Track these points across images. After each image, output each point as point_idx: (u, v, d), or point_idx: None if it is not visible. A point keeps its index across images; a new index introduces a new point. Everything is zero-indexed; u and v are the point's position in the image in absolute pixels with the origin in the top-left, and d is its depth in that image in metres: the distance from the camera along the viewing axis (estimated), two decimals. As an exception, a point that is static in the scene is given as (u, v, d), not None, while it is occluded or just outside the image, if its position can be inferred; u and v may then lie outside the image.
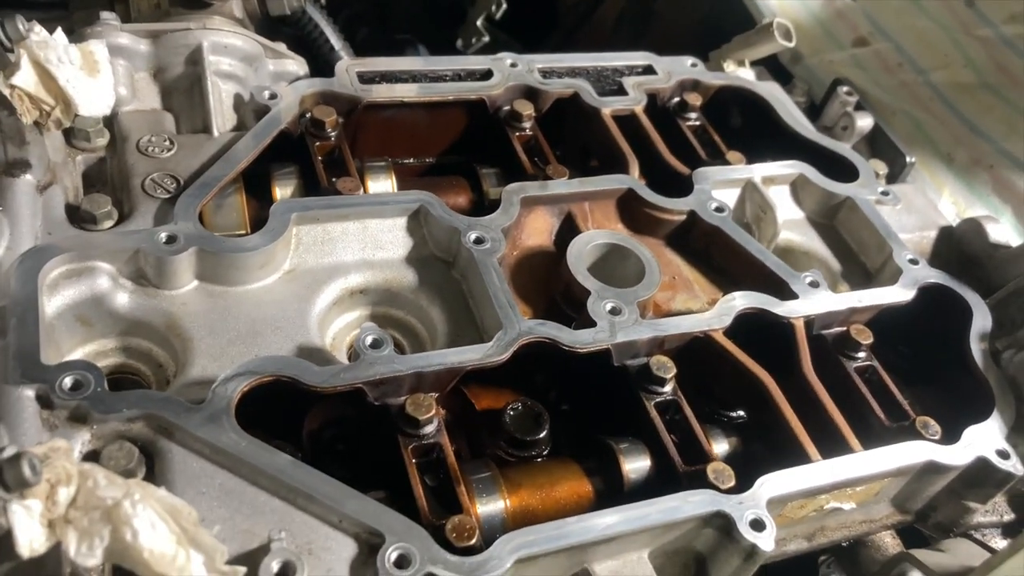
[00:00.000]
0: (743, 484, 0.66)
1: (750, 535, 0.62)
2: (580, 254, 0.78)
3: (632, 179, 0.87)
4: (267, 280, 0.73)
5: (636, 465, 0.70)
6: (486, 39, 1.61)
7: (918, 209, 0.95)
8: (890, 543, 0.78)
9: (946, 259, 0.92)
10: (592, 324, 0.72)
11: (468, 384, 0.73)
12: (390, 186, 0.86)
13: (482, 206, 0.89)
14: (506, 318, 0.71)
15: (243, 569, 0.49)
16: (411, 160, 0.95)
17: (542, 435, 0.72)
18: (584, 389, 0.77)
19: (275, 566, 0.53)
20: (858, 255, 0.91)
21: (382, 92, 0.88)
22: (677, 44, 1.09)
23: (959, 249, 0.91)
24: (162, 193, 0.75)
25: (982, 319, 0.83)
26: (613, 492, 0.70)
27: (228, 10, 0.95)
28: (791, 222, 0.92)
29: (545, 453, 0.73)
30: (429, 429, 0.65)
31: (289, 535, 0.56)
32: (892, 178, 1.01)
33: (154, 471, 0.58)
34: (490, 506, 0.65)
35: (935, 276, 0.85)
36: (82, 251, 0.67)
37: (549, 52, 0.99)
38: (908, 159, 1.00)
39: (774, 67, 1.17)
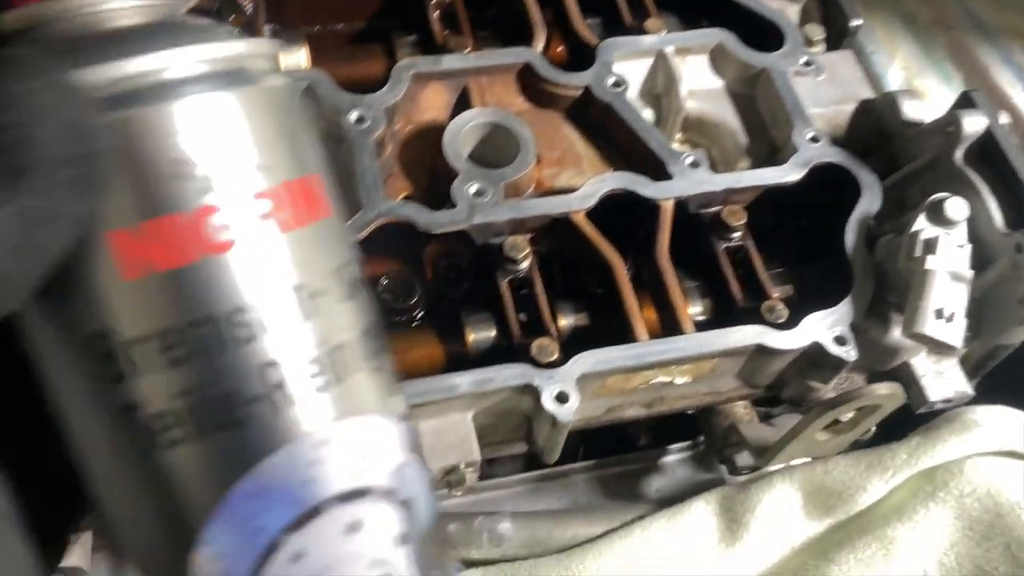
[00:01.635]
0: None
1: (552, 406, 0.70)
2: (458, 133, 0.82)
3: (531, 52, 0.88)
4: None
5: (480, 336, 0.77)
6: None
7: (842, 81, 0.92)
8: (741, 412, 0.83)
9: (865, 135, 0.90)
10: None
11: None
12: (303, 58, 0.91)
13: (398, 76, 0.92)
14: (367, 199, 0.77)
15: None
16: (340, 25, 0.99)
17: (413, 301, 0.80)
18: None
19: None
20: (769, 129, 0.90)
21: (300, -41, 0.91)
22: None
23: (877, 125, 0.89)
24: None
25: (869, 202, 0.82)
26: (460, 359, 0.78)
27: None
28: (708, 92, 0.92)
29: (417, 318, 0.81)
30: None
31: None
32: (834, 42, 0.97)
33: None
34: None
35: (832, 156, 0.84)
36: None
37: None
38: (852, 23, 0.96)
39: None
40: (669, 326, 0.77)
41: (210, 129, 0.28)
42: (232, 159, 0.29)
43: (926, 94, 0.97)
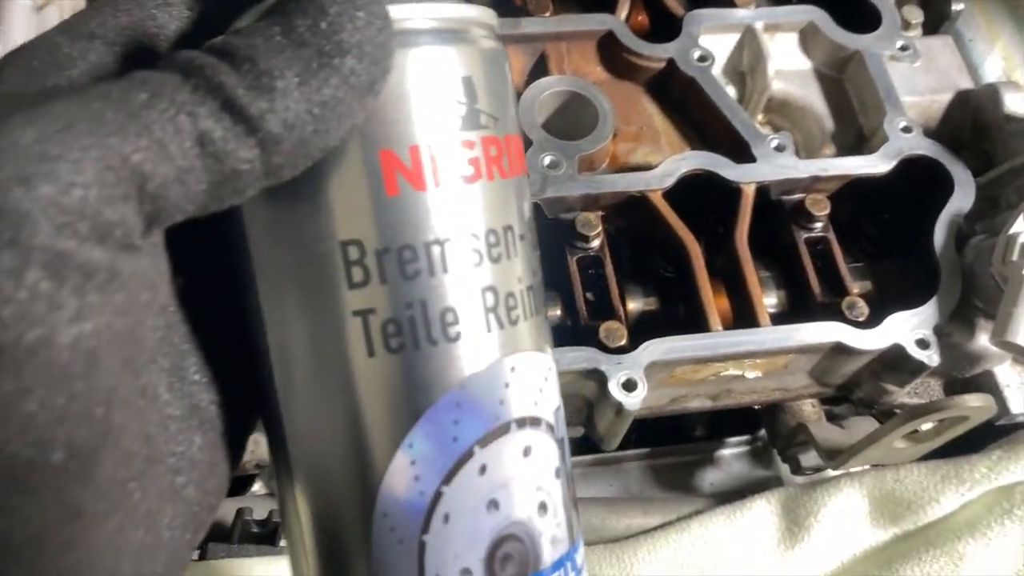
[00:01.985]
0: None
1: (619, 394, 0.67)
2: (534, 101, 0.78)
3: (614, 19, 0.84)
4: None
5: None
6: None
7: (939, 68, 0.87)
8: (809, 411, 0.80)
9: (959, 127, 0.85)
10: (527, 176, 0.75)
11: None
12: None
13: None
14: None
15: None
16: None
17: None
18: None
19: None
20: (858, 115, 0.86)
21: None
22: None
23: (973, 117, 0.84)
24: None
25: (961, 199, 0.78)
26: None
27: None
28: (795, 73, 0.88)
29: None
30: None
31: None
32: (933, 27, 0.92)
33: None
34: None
35: (925, 148, 0.80)
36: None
37: None
38: (954, 7, 0.90)
39: None
40: (743, 316, 0.74)
41: (461, 75, 0.32)
42: (476, 104, 0.32)
43: (1025, 87, 0.91)
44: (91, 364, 0.23)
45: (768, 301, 0.78)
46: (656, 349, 0.68)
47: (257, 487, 0.85)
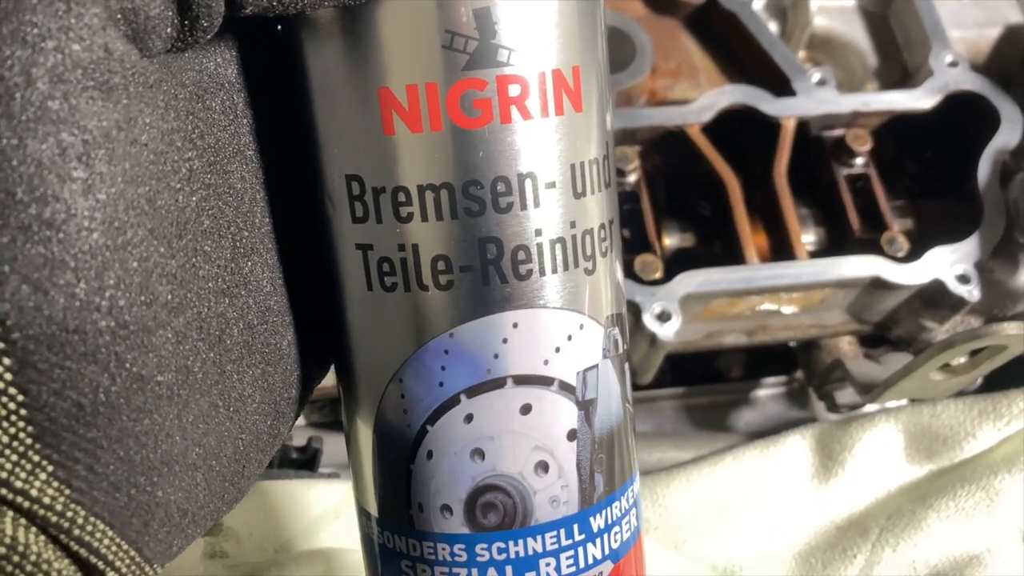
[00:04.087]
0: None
1: (653, 325, 0.67)
2: (571, 36, 0.78)
3: (656, -46, 0.84)
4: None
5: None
6: None
7: (988, 3, 0.85)
8: (846, 348, 0.79)
9: (1007, 63, 0.83)
10: (563, 109, 0.74)
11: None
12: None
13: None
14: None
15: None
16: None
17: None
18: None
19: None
20: (902, 52, 0.84)
21: None
22: None
23: (1023, 52, 0.82)
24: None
25: (1007, 134, 0.76)
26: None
27: None
28: (837, 9, 0.86)
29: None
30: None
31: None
32: (982, -40, 0.90)
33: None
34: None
35: (971, 83, 0.78)
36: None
37: None
38: (1005, -62, 0.88)
39: None
40: (781, 252, 0.74)
41: (473, 7, 0.29)
42: (493, 39, 0.29)
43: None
44: (114, 233, 0.24)
45: (806, 239, 0.78)
46: (691, 281, 0.69)
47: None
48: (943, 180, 0.82)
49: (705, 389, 0.90)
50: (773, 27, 0.85)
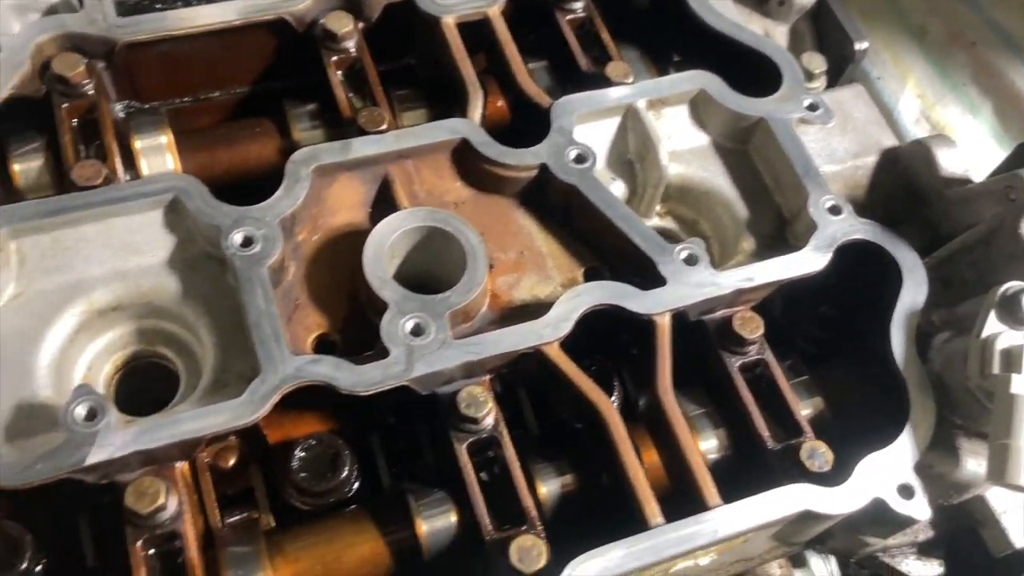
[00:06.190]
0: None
1: (548, 647, 0.51)
2: (382, 248, 0.61)
3: (468, 124, 0.68)
4: (-18, 314, 0.59)
5: (437, 524, 0.58)
6: None
7: (856, 126, 0.74)
8: (778, 574, 0.65)
9: (891, 196, 0.73)
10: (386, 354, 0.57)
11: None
12: (165, 147, 0.69)
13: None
14: (266, 357, 0.56)
15: None
16: (217, 94, 0.76)
17: (339, 480, 0.60)
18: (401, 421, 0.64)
19: None
20: (773, 195, 0.71)
21: (147, 26, 0.69)
22: None
23: (906, 182, 0.72)
24: None
25: (913, 289, 0.65)
26: (414, 554, 0.58)
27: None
28: (691, 151, 0.73)
29: (349, 495, 0.61)
30: (163, 517, 0.54)
31: None
32: (837, 73, 0.79)
33: None
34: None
35: (861, 231, 0.66)
36: None
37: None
38: (856, 46, 0.78)
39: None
40: (677, 473, 0.59)
41: None
42: None
43: (947, 126, 0.79)
44: None
45: (706, 445, 0.64)
46: (586, 569, 0.52)
47: None
48: (843, 335, 0.70)
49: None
50: (621, 187, 0.71)
